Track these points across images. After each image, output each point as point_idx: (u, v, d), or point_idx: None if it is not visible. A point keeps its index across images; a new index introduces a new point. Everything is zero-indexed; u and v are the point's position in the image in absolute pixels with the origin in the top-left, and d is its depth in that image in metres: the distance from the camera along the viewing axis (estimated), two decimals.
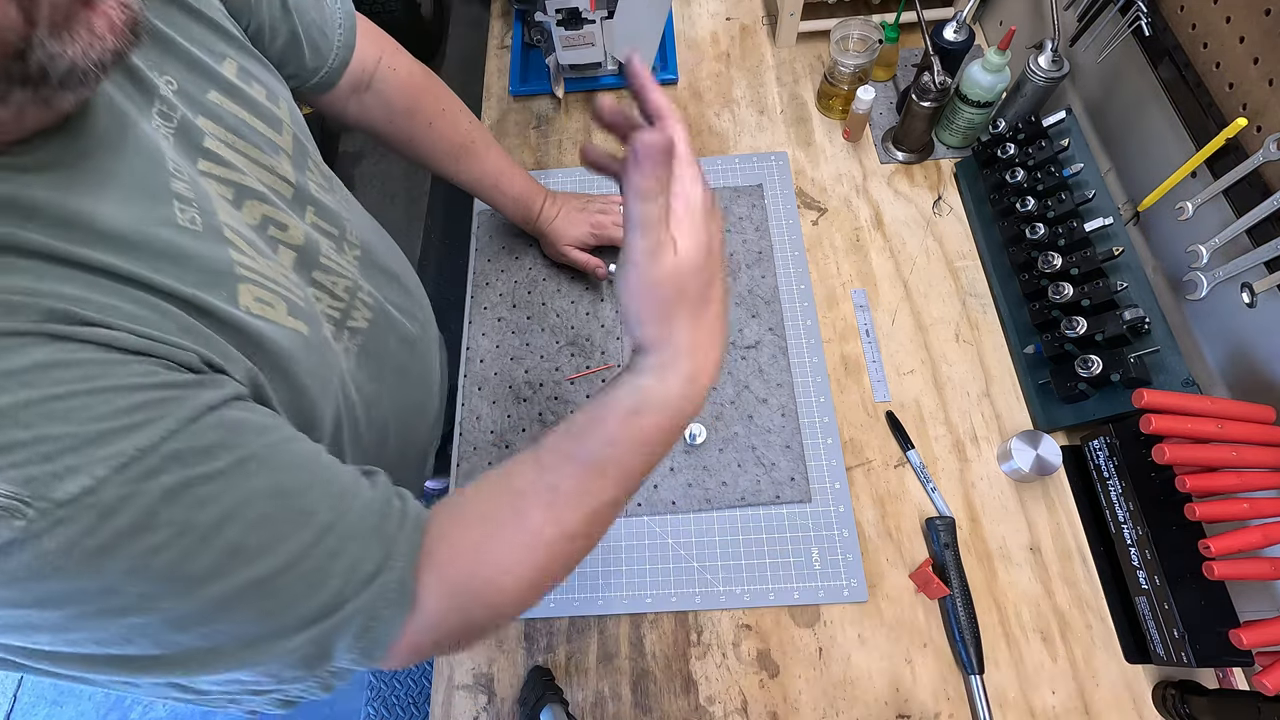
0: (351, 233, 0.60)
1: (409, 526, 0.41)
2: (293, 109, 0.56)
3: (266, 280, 0.44)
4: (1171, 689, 0.65)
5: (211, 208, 0.42)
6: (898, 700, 0.67)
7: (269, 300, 0.43)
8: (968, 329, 0.83)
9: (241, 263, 0.42)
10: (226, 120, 0.47)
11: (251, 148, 0.48)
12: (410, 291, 0.72)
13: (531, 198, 0.84)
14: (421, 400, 0.71)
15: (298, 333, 0.45)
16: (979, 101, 0.86)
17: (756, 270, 0.88)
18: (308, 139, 0.57)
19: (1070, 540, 0.73)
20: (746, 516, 0.75)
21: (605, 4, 0.92)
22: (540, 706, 0.63)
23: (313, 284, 0.52)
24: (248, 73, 0.50)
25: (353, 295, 0.56)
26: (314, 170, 0.57)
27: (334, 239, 0.57)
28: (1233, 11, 0.63)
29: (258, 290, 0.43)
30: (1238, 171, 0.62)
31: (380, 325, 0.61)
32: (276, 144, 0.51)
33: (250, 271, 0.43)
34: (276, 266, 0.47)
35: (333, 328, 0.53)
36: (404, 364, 0.65)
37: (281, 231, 0.49)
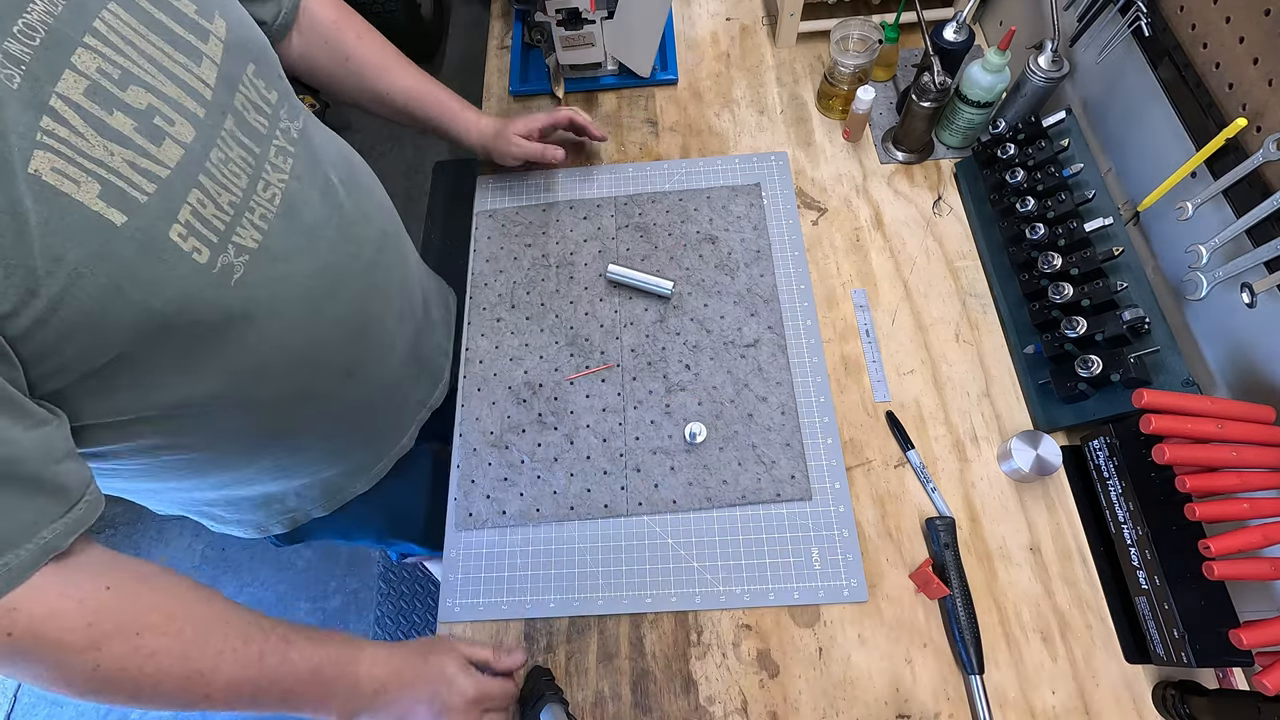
0: (287, 158, 0.58)
1: None
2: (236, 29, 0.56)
3: (83, 158, 0.43)
4: (1171, 689, 0.65)
5: (48, 76, 0.42)
6: (898, 700, 0.67)
7: (75, 177, 0.42)
8: (968, 329, 0.83)
9: (53, 131, 0.42)
10: (137, 14, 0.48)
11: (153, 47, 0.49)
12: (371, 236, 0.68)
13: (468, 110, 0.89)
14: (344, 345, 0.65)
15: (103, 218, 0.43)
16: (979, 101, 0.86)
17: (755, 269, 0.88)
18: (255, 59, 0.58)
19: (1070, 540, 0.73)
20: (746, 516, 0.75)
21: (605, 4, 0.92)
22: (540, 706, 0.63)
23: (198, 186, 0.50)
24: None
25: (238, 212, 0.53)
26: (249, 88, 0.56)
27: (250, 154, 0.55)
28: (1233, 11, 0.63)
29: (59, 162, 0.42)
30: (1238, 172, 0.62)
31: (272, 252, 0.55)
32: (199, 50, 0.52)
33: (59, 142, 0.42)
34: (126, 155, 0.45)
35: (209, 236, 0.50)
36: (316, 303, 0.60)
37: (169, 125, 0.48)
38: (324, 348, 0.62)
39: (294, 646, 0.53)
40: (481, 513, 0.77)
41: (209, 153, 0.51)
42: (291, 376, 0.60)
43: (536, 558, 0.75)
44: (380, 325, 0.70)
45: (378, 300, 0.69)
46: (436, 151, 2.12)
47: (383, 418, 0.79)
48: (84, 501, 0.45)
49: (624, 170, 0.96)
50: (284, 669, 0.52)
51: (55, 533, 0.43)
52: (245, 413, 0.59)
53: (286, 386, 0.60)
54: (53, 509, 0.43)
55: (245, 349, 0.54)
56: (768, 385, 0.81)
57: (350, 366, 0.67)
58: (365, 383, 0.71)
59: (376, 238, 0.69)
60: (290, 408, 0.63)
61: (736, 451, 0.77)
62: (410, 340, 0.78)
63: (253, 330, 0.54)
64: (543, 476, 0.78)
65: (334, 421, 0.71)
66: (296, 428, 0.66)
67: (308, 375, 0.62)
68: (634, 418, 0.80)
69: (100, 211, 0.43)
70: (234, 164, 0.53)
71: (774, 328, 0.84)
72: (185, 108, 0.50)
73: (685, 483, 0.76)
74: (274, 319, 0.56)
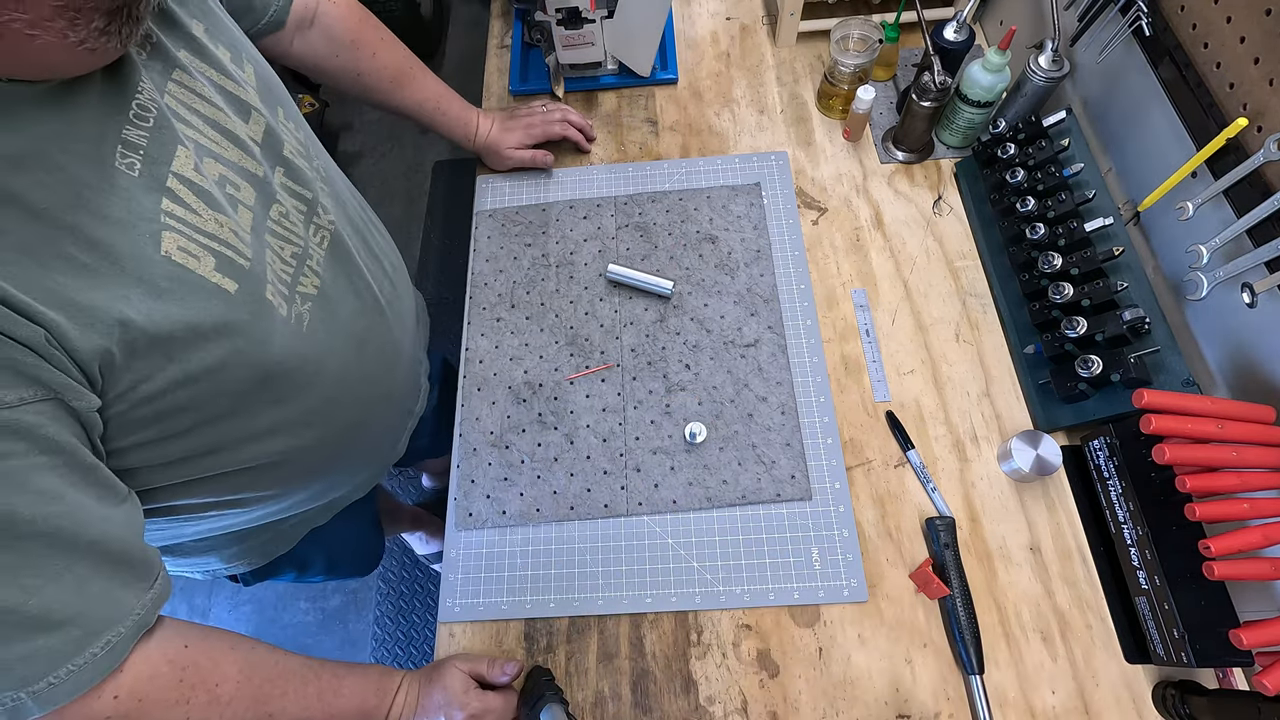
0: (326, 198, 0.61)
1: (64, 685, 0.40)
2: (260, 71, 0.57)
3: (199, 233, 0.45)
4: (1171, 689, 0.65)
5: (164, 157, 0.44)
6: (898, 700, 0.67)
7: (195, 253, 0.45)
8: (968, 329, 0.83)
9: (172, 212, 0.44)
10: (189, 82, 0.49)
11: (215, 109, 0.50)
12: (381, 259, 0.70)
13: (469, 116, 0.92)
14: (380, 374, 0.69)
15: (220, 288, 0.46)
16: (979, 101, 0.86)
17: (755, 269, 0.88)
18: (280, 101, 0.59)
19: (1070, 540, 0.73)
20: (746, 516, 0.75)
21: (605, 4, 0.91)
22: (540, 706, 0.63)
23: (268, 246, 0.52)
24: (213, 34, 0.52)
25: (300, 262, 0.56)
26: (288, 134, 0.58)
27: (304, 201, 0.57)
28: (1233, 11, 0.63)
29: (183, 240, 0.44)
30: (1238, 171, 0.62)
31: (327, 295, 0.59)
32: (247, 105, 0.53)
33: (179, 222, 0.44)
34: (228, 224, 0.48)
35: (284, 290, 0.53)
36: (361, 336, 0.64)
37: (236, 191, 0.50)
38: (370, 378, 0.66)
39: (344, 683, 0.58)
40: (481, 513, 0.77)
41: (269, 210, 0.53)
42: (349, 410, 0.64)
43: (536, 558, 0.75)
44: (402, 349, 0.73)
45: (398, 326, 0.72)
46: (436, 151, 2.12)
47: (387, 437, 0.81)
48: (162, 574, 0.47)
49: (624, 170, 0.96)
50: (338, 704, 0.57)
51: (145, 608, 0.45)
52: (311, 450, 0.61)
53: (345, 418, 0.63)
54: (141, 585, 0.45)
55: (315, 391, 0.58)
56: (768, 385, 0.81)
57: (388, 390, 0.71)
58: (396, 404, 0.75)
59: (391, 272, 0.71)
60: (344, 439, 0.66)
61: (736, 451, 0.77)
62: (411, 355, 0.79)
63: (320, 372, 0.57)
64: (543, 476, 0.78)
65: (367, 445, 0.73)
66: (344, 457, 0.69)
67: (362, 406, 0.65)
68: (634, 418, 0.80)
69: (218, 283, 0.46)
70: (291, 216, 0.55)
71: (774, 327, 0.84)
72: (245, 169, 0.51)
73: (685, 483, 0.76)
74: (333, 357, 0.59)
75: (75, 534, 0.40)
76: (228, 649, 0.51)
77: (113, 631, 0.42)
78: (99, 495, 0.42)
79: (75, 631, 0.40)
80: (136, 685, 0.44)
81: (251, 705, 0.50)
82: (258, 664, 0.52)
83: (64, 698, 0.40)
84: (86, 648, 0.41)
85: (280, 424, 0.56)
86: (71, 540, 0.40)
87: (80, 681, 0.41)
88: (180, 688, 0.46)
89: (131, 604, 0.44)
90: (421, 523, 1.50)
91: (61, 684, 0.40)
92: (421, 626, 1.56)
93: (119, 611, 0.43)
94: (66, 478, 0.40)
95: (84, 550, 0.40)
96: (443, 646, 0.71)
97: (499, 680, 0.66)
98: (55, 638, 0.39)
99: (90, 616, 0.41)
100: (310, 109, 1.88)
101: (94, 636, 0.41)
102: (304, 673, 0.55)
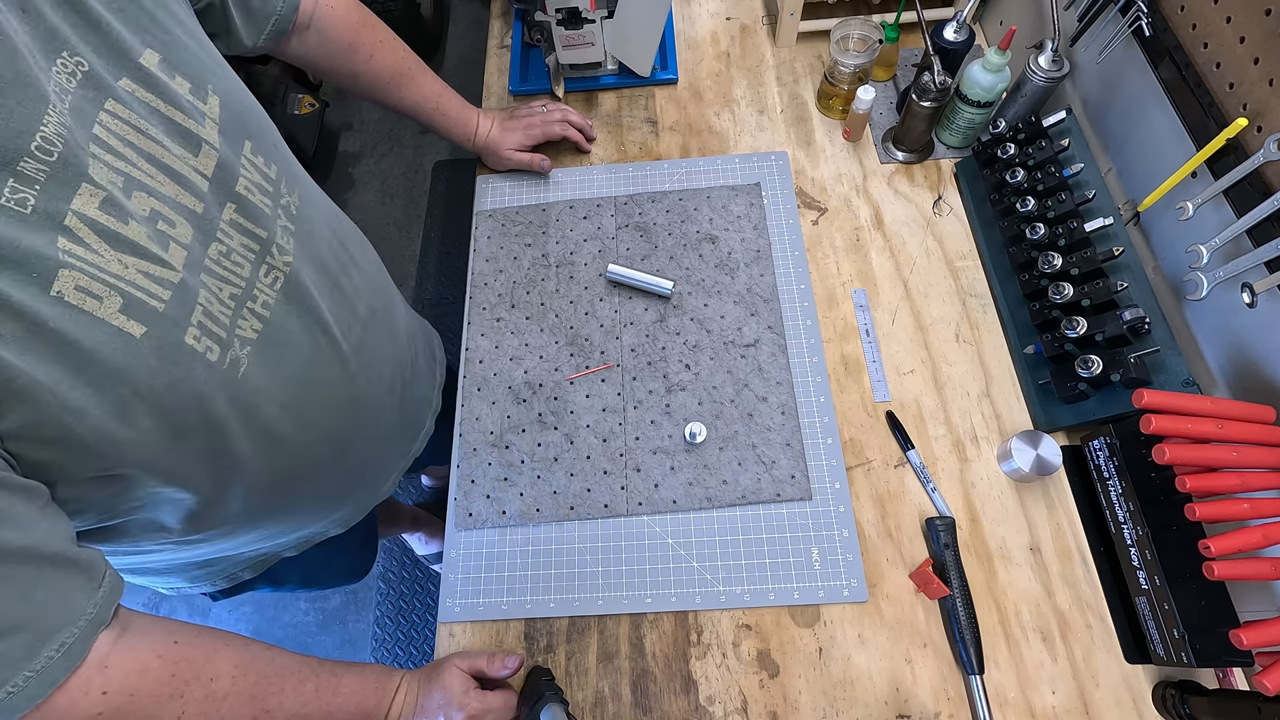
0: (288, 238, 0.58)
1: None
2: (231, 102, 0.54)
3: (103, 273, 0.43)
4: (1171, 689, 0.65)
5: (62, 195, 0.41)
6: (898, 700, 0.67)
7: (97, 293, 0.42)
8: (968, 329, 0.83)
9: (71, 251, 0.41)
10: (124, 115, 0.46)
11: (152, 143, 0.47)
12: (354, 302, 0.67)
13: (469, 115, 0.91)
14: (332, 424, 0.65)
15: (124, 332, 0.44)
16: (979, 101, 0.86)
17: (755, 269, 0.88)
18: (256, 135, 0.56)
19: (1070, 540, 0.73)
20: (746, 516, 0.75)
21: (605, 4, 0.91)
22: (540, 706, 0.63)
23: (203, 286, 0.49)
24: (170, 65, 0.50)
25: (239, 304, 0.53)
26: (250, 168, 0.55)
27: (256, 240, 0.54)
28: (1233, 11, 0.63)
29: (83, 280, 0.42)
30: (1238, 172, 0.62)
31: (272, 339, 0.56)
32: (197, 137, 0.50)
33: (79, 261, 0.42)
34: (137, 265, 0.45)
35: (220, 332, 0.51)
36: (309, 382, 0.61)
37: (170, 227, 0.47)
38: (316, 430, 0.63)
39: (343, 681, 0.57)
40: (481, 513, 0.77)
41: (207, 249, 0.50)
42: (286, 459, 0.61)
43: (536, 558, 0.75)
44: (368, 403, 0.70)
45: (364, 377, 0.68)
46: (436, 151, 2.12)
47: (369, 478, 0.79)
48: (109, 572, 0.46)
49: (624, 170, 0.96)
50: (336, 702, 0.56)
51: (98, 605, 0.44)
52: (243, 496, 0.59)
53: (281, 468, 0.61)
54: (90, 584, 0.44)
55: (245, 438, 0.55)
56: (768, 385, 0.81)
57: (342, 445, 0.68)
58: (355, 456, 0.72)
59: (365, 316, 0.68)
60: (283, 488, 0.63)
61: (736, 451, 0.77)
62: (397, 405, 0.77)
63: (253, 420, 0.55)
64: (543, 476, 0.78)
65: (324, 491, 0.71)
66: (288, 505, 0.67)
67: (302, 457, 0.63)
68: (634, 418, 0.80)
69: (120, 326, 0.43)
70: (236, 254, 0.52)
71: (774, 327, 0.84)
72: (183, 205, 0.48)
73: (685, 483, 0.76)
74: (272, 406, 0.56)
75: (6, 543, 0.39)
76: (221, 645, 0.51)
77: (66, 632, 0.42)
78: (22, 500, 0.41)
79: (26, 637, 0.40)
80: (126, 680, 0.44)
81: (248, 701, 0.50)
82: (253, 660, 0.51)
83: (26, 704, 0.40)
84: (41, 651, 0.40)
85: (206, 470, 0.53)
86: (3, 550, 0.39)
87: (42, 684, 0.40)
88: (173, 682, 0.46)
89: (83, 603, 0.43)
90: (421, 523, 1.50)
91: (21, 690, 0.39)
92: (421, 626, 1.56)
93: (71, 612, 0.42)
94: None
95: (20, 557, 0.40)
96: (443, 646, 0.71)
97: (500, 675, 0.65)
98: (5, 644, 0.39)
99: (40, 621, 0.41)
100: (310, 109, 1.88)
101: (47, 639, 0.41)
102: (302, 670, 0.55)
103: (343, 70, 0.79)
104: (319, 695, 0.55)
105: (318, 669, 0.56)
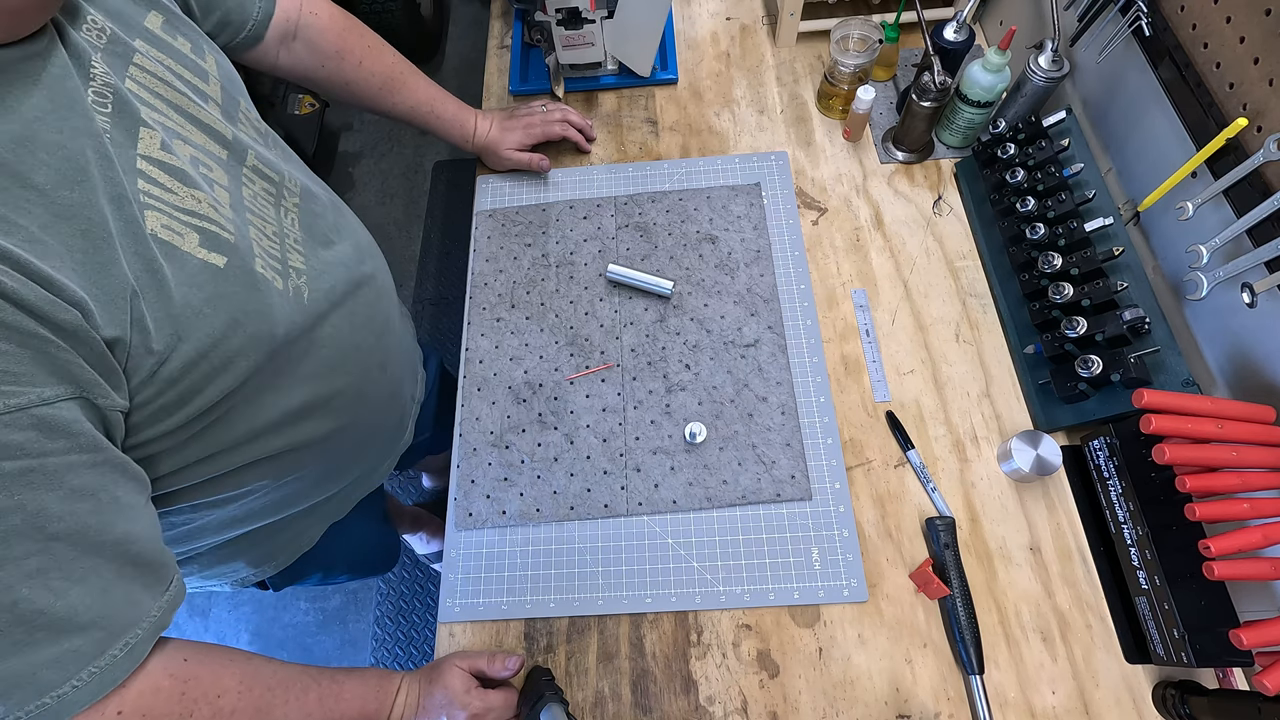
0: (291, 180, 0.62)
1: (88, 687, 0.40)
2: (221, 62, 0.58)
3: (179, 210, 0.46)
4: (1171, 689, 0.65)
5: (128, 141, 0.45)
6: (898, 700, 0.67)
7: (179, 230, 0.45)
8: (968, 329, 0.83)
9: (149, 191, 0.44)
10: (150, 67, 0.49)
11: (178, 94, 0.50)
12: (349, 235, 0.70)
13: (465, 116, 0.91)
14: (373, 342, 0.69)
15: (208, 264, 0.47)
16: (979, 101, 0.86)
17: (755, 269, 0.88)
18: (240, 93, 0.60)
19: (1070, 540, 0.73)
20: (746, 516, 0.75)
21: (605, 4, 0.91)
22: (540, 706, 0.63)
23: (249, 224, 0.53)
24: (172, 26, 0.53)
25: (283, 239, 0.57)
26: (245, 122, 0.59)
27: (272, 184, 0.58)
28: (1233, 11, 0.63)
29: (165, 219, 0.45)
30: (1238, 171, 0.62)
31: (316, 269, 0.60)
32: (205, 92, 0.54)
33: (157, 201, 0.45)
34: (206, 199, 0.48)
35: (277, 265, 0.54)
36: (351, 306, 0.64)
37: (209, 171, 0.51)
38: (364, 347, 0.66)
39: (344, 688, 0.58)
40: (481, 513, 0.77)
41: (241, 191, 0.53)
42: (347, 375, 0.64)
43: (536, 558, 0.75)
44: (391, 324, 0.74)
45: (386, 301, 0.72)
46: (436, 151, 2.12)
47: (400, 414, 0.81)
48: (176, 578, 0.47)
49: (624, 170, 0.96)
50: (339, 709, 0.57)
51: (162, 610, 0.45)
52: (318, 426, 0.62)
53: (345, 384, 0.64)
54: (158, 587, 0.45)
55: (317, 360, 0.58)
56: (768, 385, 0.81)
57: (383, 359, 0.71)
58: (393, 379, 0.75)
59: (357, 248, 0.70)
60: (351, 412, 0.66)
61: (736, 451, 0.77)
62: (402, 330, 0.79)
63: (320, 342, 0.59)
64: (543, 476, 0.78)
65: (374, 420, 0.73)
66: (353, 432, 0.69)
67: (359, 373, 0.66)
68: (634, 418, 0.80)
69: (204, 258, 0.47)
70: (261, 199, 0.56)
71: (774, 328, 0.84)
72: (212, 153, 0.52)
73: (685, 483, 0.76)
74: (329, 327, 0.60)
75: (101, 533, 0.40)
76: (226, 661, 0.51)
77: (131, 633, 0.42)
78: (126, 491, 0.42)
79: (98, 633, 0.40)
80: (140, 700, 0.44)
81: (254, 715, 0.50)
82: (257, 674, 0.52)
83: (87, 700, 0.40)
84: (107, 649, 0.41)
85: (292, 401, 0.57)
86: (98, 540, 0.40)
87: (102, 683, 0.41)
88: (183, 701, 0.46)
89: (149, 606, 0.44)
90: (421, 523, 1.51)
91: (84, 686, 0.40)
92: (421, 626, 1.56)
93: (138, 613, 0.43)
94: (98, 474, 0.40)
95: (109, 550, 0.41)
96: (443, 646, 0.71)
97: (500, 675, 0.66)
98: (79, 639, 0.39)
99: (112, 618, 0.41)
100: (310, 109, 1.88)
101: (114, 638, 0.41)
102: (303, 680, 0.55)
103: (334, 79, 0.79)
104: (322, 703, 0.55)
105: (319, 677, 0.57)
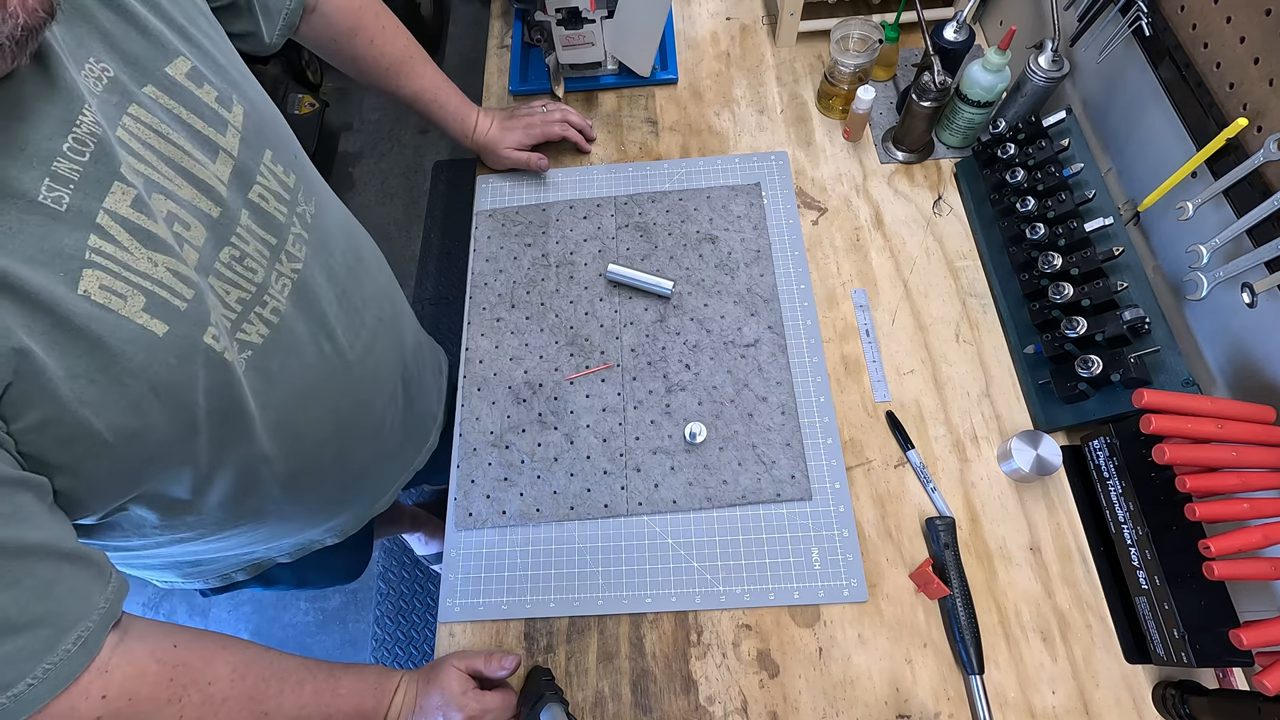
0: (300, 245, 0.59)
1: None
2: (255, 113, 0.56)
3: (129, 271, 0.44)
4: (1171, 689, 0.65)
5: (97, 193, 0.43)
6: (898, 700, 0.67)
7: (121, 292, 0.43)
8: (968, 329, 0.83)
9: (100, 249, 0.43)
10: (147, 119, 0.47)
11: (172, 147, 0.48)
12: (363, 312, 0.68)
13: (467, 111, 0.91)
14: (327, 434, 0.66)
15: (147, 330, 0.45)
16: (979, 101, 0.86)
17: (755, 269, 0.88)
18: (277, 145, 0.57)
19: (1070, 540, 0.73)
20: (746, 516, 0.75)
21: (605, 4, 0.91)
22: (540, 706, 0.63)
23: (211, 289, 0.50)
24: (199, 73, 0.51)
25: (247, 308, 0.53)
26: (269, 177, 0.56)
27: (268, 246, 0.55)
28: (1233, 11, 0.63)
29: (107, 279, 0.43)
30: (1238, 171, 0.62)
31: (280, 343, 0.57)
32: (216, 145, 0.51)
33: (107, 259, 0.43)
34: (166, 263, 0.46)
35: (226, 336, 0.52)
36: (309, 391, 0.61)
37: (185, 230, 0.49)
38: (316, 435, 0.64)
39: (341, 683, 0.57)
40: (481, 513, 0.77)
41: (219, 252, 0.51)
42: (285, 462, 0.61)
43: (536, 558, 0.75)
44: (369, 410, 0.71)
45: (368, 387, 0.69)
46: (436, 151, 2.12)
47: (368, 488, 0.80)
48: (115, 571, 0.46)
49: (624, 170, 0.96)
50: (335, 703, 0.56)
51: (109, 600, 0.44)
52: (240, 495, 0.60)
53: (280, 470, 0.61)
54: (101, 579, 0.45)
55: (249, 439, 0.56)
56: (768, 385, 0.81)
57: (341, 452, 0.69)
58: (354, 464, 0.72)
59: (373, 325, 0.69)
60: (279, 491, 0.64)
61: (736, 451, 0.77)
62: (399, 417, 0.78)
63: (258, 421, 0.56)
64: (543, 476, 0.78)
65: (320, 498, 0.72)
66: (283, 508, 0.67)
67: (300, 461, 0.63)
68: (634, 418, 0.80)
69: (144, 324, 0.45)
70: (251, 259, 0.54)
71: (774, 327, 0.84)
72: (199, 209, 0.50)
73: (685, 483, 0.76)
74: (272, 409, 0.57)
75: (22, 539, 0.40)
76: (219, 648, 0.51)
77: (82, 626, 0.42)
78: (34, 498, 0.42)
79: (45, 631, 0.40)
80: (125, 684, 0.44)
81: (246, 704, 0.50)
82: (251, 663, 0.52)
83: (45, 696, 0.40)
84: (59, 644, 0.41)
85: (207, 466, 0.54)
86: (20, 546, 0.40)
87: (59, 678, 0.41)
88: (171, 686, 0.46)
89: (96, 598, 0.44)
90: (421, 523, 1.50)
91: (40, 683, 0.40)
92: (421, 626, 1.56)
93: (86, 606, 0.43)
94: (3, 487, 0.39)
95: (39, 553, 0.40)
96: (443, 646, 0.71)
97: (497, 675, 0.65)
98: (25, 639, 0.39)
99: (59, 614, 0.41)
100: (310, 109, 1.88)
101: (64, 633, 0.41)
102: (300, 672, 0.55)
103: (344, 54, 0.79)
104: (317, 697, 0.55)
105: (316, 670, 0.56)
